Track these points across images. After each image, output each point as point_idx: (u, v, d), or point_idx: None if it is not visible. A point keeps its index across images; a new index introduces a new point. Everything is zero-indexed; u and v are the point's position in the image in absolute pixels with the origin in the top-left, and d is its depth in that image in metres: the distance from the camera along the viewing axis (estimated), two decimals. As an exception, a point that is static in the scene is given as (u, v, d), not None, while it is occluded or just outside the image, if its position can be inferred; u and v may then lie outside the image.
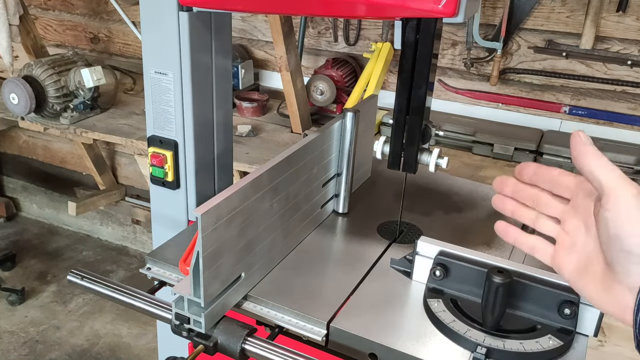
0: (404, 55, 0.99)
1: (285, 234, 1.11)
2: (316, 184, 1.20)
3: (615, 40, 2.09)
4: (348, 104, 2.30)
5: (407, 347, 0.90)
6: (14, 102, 2.31)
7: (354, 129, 1.23)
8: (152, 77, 1.19)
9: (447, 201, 1.39)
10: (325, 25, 2.56)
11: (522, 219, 0.76)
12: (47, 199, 3.68)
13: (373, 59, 2.32)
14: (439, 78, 2.39)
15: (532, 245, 0.75)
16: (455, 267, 0.99)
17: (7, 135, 3.59)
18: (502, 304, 0.89)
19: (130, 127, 2.36)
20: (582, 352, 0.91)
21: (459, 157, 2.16)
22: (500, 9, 2.20)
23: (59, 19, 3.16)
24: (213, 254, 0.88)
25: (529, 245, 0.75)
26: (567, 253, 0.69)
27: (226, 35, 1.22)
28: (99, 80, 2.34)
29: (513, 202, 0.76)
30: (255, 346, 0.88)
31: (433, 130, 1.06)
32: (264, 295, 1.00)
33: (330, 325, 0.94)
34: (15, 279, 3.13)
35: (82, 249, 3.47)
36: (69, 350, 2.69)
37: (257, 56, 2.73)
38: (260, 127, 2.39)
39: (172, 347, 1.23)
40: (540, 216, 0.74)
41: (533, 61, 2.23)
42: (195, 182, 1.24)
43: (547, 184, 0.73)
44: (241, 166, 2.07)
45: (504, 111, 2.34)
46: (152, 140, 1.24)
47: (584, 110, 2.20)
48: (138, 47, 2.99)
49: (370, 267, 1.11)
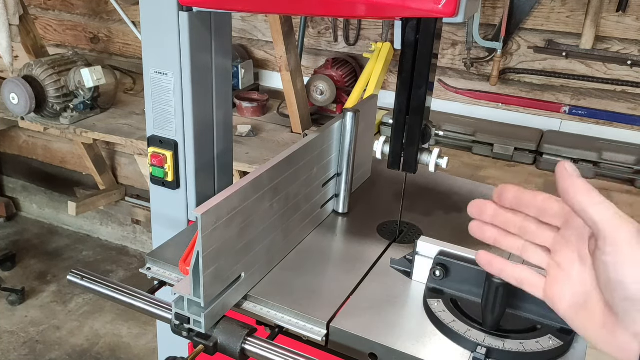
0: (404, 55, 0.99)
1: (285, 234, 1.11)
2: (316, 184, 1.20)
3: (615, 40, 2.09)
4: (348, 104, 2.29)
5: (407, 347, 0.90)
6: (14, 102, 2.31)
7: (354, 129, 1.23)
8: (152, 77, 1.19)
9: (447, 201, 1.38)
10: (325, 25, 2.56)
11: (507, 248, 0.69)
12: (47, 199, 3.68)
13: (373, 59, 2.32)
14: (439, 78, 2.39)
15: (520, 278, 0.67)
16: (455, 267, 0.99)
17: (7, 135, 3.59)
18: (502, 304, 0.89)
19: (130, 127, 2.36)
20: (582, 352, 0.91)
21: (459, 157, 2.16)
22: (500, 9, 2.20)
23: (59, 19, 3.16)
24: (213, 254, 0.88)
25: (516, 278, 0.68)
26: (561, 287, 0.63)
27: (226, 35, 1.22)
28: (99, 80, 2.34)
29: (494, 230, 0.69)
30: (255, 346, 0.88)
31: (433, 130, 1.06)
32: (264, 295, 1.00)
33: (330, 325, 0.94)
34: (15, 279, 3.13)
35: (82, 249, 3.47)
36: (69, 350, 2.69)
37: (257, 56, 2.73)
38: (260, 127, 2.39)
39: (172, 347, 1.23)
40: (527, 244, 0.67)
41: (533, 61, 2.23)
42: (195, 182, 1.24)
43: (532, 210, 0.65)
44: (241, 166, 2.07)
45: (504, 111, 2.34)
46: (152, 140, 1.24)
47: (584, 110, 2.20)
48: (138, 47, 2.99)
49: (370, 267, 1.11)
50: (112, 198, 3.24)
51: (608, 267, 0.56)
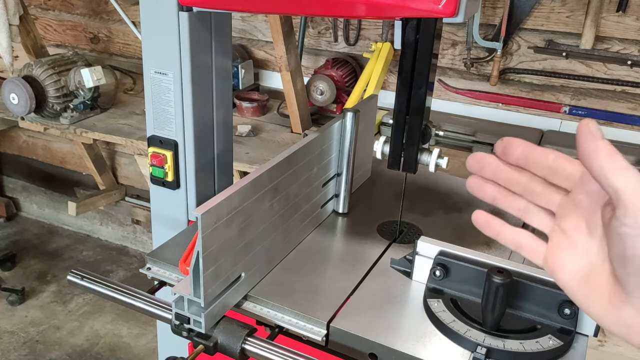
0: (404, 55, 0.99)
1: (285, 234, 1.11)
2: (316, 184, 1.20)
3: (615, 40, 2.09)
4: (348, 104, 2.29)
5: (407, 347, 0.90)
6: (14, 102, 2.31)
7: (354, 129, 1.23)
8: (152, 77, 1.19)
9: (447, 201, 1.38)
10: (325, 25, 2.56)
11: (507, 207, 0.62)
12: (47, 199, 3.68)
13: (373, 59, 2.32)
14: (439, 78, 2.39)
15: (519, 241, 0.61)
16: (455, 267, 0.99)
17: (7, 135, 3.59)
18: (502, 304, 0.89)
19: (130, 127, 2.36)
20: (582, 352, 0.91)
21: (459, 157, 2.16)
22: (500, 9, 2.20)
23: (59, 19, 3.16)
24: (213, 254, 0.88)
25: (515, 241, 0.62)
26: (564, 256, 0.57)
27: (226, 35, 1.22)
28: (99, 80, 2.34)
29: (495, 187, 0.61)
30: (255, 346, 0.88)
31: (433, 130, 1.06)
32: (264, 295, 1.00)
33: (330, 325, 0.94)
34: (15, 279, 3.13)
35: (82, 249, 3.47)
36: (69, 350, 2.69)
37: (257, 56, 2.73)
38: (260, 127, 2.39)
39: (172, 347, 1.23)
40: (530, 206, 0.60)
41: (533, 61, 2.23)
42: (195, 182, 1.24)
43: (541, 169, 0.58)
44: (241, 166, 2.07)
45: (504, 111, 2.34)
46: (152, 140, 1.24)
47: (584, 110, 2.20)
48: (138, 47, 2.99)
49: (370, 267, 1.11)
50: (112, 198, 3.24)
51: (626, 239, 0.49)
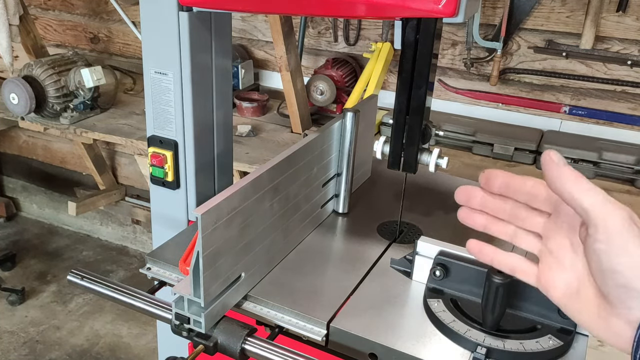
0: (404, 55, 0.99)
1: (285, 234, 1.11)
2: (316, 184, 1.20)
3: (615, 40, 2.09)
4: (348, 104, 2.29)
5: (407, 347, 0.90)
6: (14, 102, 2.31)
7: (354, 129, 1.23)
8: (152, 77, 1.19)
9: (447, 201, 1.38)
10: (325, 25, 2.56)
11: (498, 234, 0.67)
12: (47, 199, 3.68)
13: (373, 59, 2.32)
14: (439, 78, 2.39)
15: (512, 265, 0.66)
16: (455, 267, 0.99)
17: (7, 135, 3.59)
18: (502, 304, 0.89)
19: (130, 127, 2.36)
20: (582, 352, 0.91)
21: (459, 157, 2.16)
22: (500, 9, 2.20)
23: (59, 19, 3.16)
24: (213, 254, 0.88)
25: (508, 265, 0.67)
26: (554, 275, 0.62)
27: (226, 35, 1.22)
28: (99, 80, 2.34)
29: (484, 216, 0.67)
30: (255, 346, 0.88)
31: (433, 130, 1.06)
32: (264, 295, 1.00)
33: (330, 325, 0.94)
34: (15, 279, 3.13)
35: (82, 249, 3.47)
36: (69, 350, 2.69)
37: (257, 56, 2.73)
38: (260, 127, 2.39)
39: (172, 347, 1.23)
40: (518, 231, 0.66)
41: (533, 61, 2.23)
42: (195, 182, 1.24)
43: (521, 196, 0.64)
44: (241, 166, 2.07)
45: (504, 111, 2.34)
46: (152, 140, 1.24)
47: (584, 110, 2.20)
48: (138, 47, 2.99)
49: (370, 267, 1.11)
50: (112, 198, 3.24)
51: (600, 255, 0.54)
